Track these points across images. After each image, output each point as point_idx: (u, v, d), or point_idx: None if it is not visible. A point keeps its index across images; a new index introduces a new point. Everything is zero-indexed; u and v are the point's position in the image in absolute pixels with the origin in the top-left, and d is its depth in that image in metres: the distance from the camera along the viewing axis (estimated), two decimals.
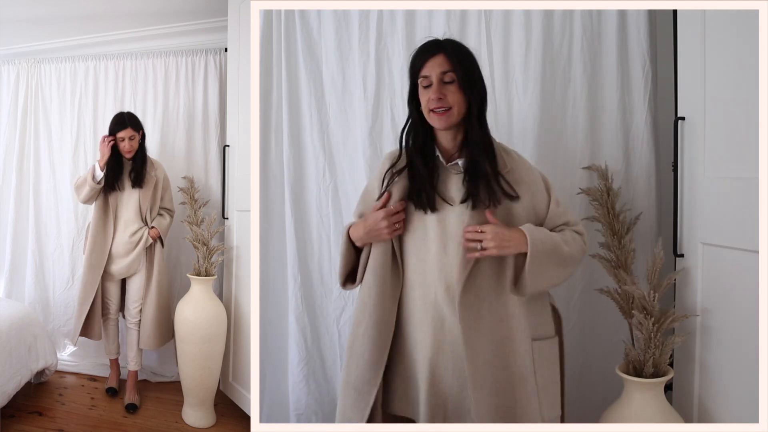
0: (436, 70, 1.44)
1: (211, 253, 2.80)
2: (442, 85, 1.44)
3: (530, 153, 2.04)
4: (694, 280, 1.75)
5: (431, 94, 1.45)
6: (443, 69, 1.44)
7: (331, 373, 2.33)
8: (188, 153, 3.29)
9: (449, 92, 1.44)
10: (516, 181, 1.49)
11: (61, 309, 3.39)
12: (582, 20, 2.09)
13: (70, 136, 3.38)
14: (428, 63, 1.45)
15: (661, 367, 1.68)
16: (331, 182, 2.29)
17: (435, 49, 1.46)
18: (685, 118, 1.78)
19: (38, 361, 2.88)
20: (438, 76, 1.44)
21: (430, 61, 1.45)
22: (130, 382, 2.95)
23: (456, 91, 1.44)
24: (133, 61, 3.35)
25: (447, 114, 1.45)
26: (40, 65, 3.44)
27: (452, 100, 1.44)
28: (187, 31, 3.28)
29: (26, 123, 3.45)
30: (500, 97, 2.14)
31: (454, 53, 1.46)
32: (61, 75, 3.42)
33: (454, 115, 1.45)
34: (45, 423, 2.69)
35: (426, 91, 1.46)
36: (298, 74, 2.31)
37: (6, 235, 3.48)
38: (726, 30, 1.64)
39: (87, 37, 3.38)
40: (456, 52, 1.46)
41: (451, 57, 1.44)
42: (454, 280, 1.47)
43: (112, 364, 3.10)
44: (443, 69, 1.44)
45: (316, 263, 2.32)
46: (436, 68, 1.44)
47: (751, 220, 1.50)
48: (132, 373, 2.96)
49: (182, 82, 3.30)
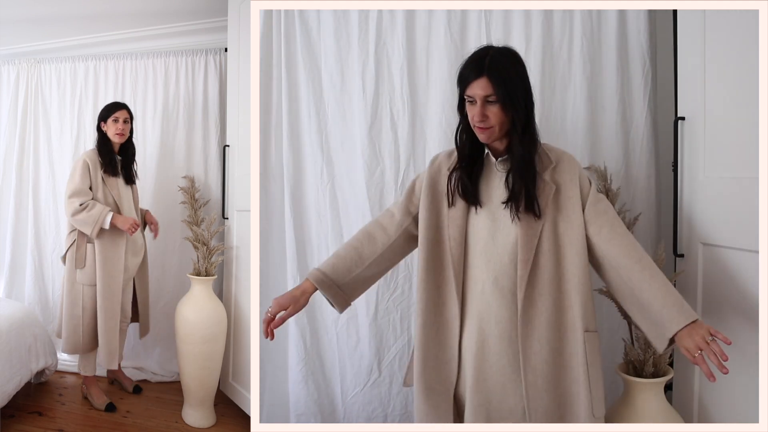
0: (479, 92, 1.46)
1: (211, 253, 2.80)
2: (486, 105, 1.47)
3: None
4: (694, 280, 1.74)
5: (475, 114, 1.48)
6: (486, 93, 1.46)
7: (330, 374, 2.33)
8: (188, 153, 3.29)
9: (492, 112, 1.47)
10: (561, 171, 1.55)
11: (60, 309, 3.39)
12: (582, 20, 2.09)
13: (70, 136, 3.38)
14: (472, 85, 1.47)
15: (661, 367, 1.68)
16: (330, 182, 2.29)
17: (479, 70, 1.46)
18: (685, 118, 1.78)
19: (38, 361, 2.88)
20: (481, 98, 1.47)
21: (474, 84, 1.47)
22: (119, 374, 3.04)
23: (497, 111, 1.47)
24: (133, 61, 3.35)
25: (489, 131, 1.50)
26: (40, 65, 3.44)
27: (494, 120, 1.48)
28: (187, 31, 3.28)
29: (26, 123, 3.45)
30: None
31: (498, 74, 1.45)
32: (61, 75, 3.42)
33: (496, 132, 1.50)
34: (45, 423, 2.69)
35: (471, 107, 1.50)
36: (297, 74, 2.31)
37: (6, 235, 3.48)
38: (726, 30, 1.64)
39: (87, 37, 3.38)
40: (500, 72, 1.46)
41: (494, 80, 1.45)
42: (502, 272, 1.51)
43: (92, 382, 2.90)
44: (486, 93, 1.46)
45: (315, 263, 2.32)
46: (480, 91, 1.46)
47: (751, 220, 1.50)
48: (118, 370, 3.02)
49: (182, 82, 3.30)
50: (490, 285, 1.52)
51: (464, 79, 1.49)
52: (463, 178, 1.57)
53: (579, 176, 1.56)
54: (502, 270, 1.52)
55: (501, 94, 1.45)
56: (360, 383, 2.28)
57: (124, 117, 2.77)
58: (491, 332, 1.51)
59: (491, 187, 1.58)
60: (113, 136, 2.76)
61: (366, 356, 2.26)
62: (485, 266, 1.54)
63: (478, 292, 1.54)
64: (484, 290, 1.52)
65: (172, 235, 3.26)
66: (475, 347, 1.52)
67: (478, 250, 1.55)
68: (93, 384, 2.90)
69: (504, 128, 1.51)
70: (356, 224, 2.25)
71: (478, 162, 1.59)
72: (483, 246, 1.55)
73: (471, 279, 1.56)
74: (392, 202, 1.79)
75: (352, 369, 2.29)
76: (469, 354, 1.54)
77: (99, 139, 2.80)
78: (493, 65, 1.46)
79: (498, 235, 1.54)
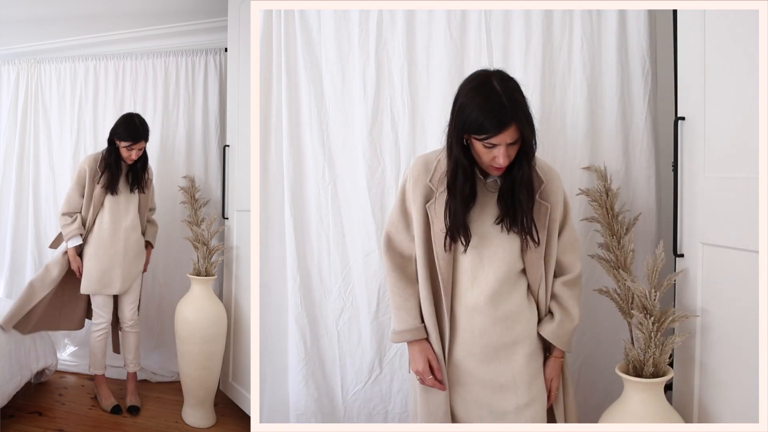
0: (507, 140, 1.44)
1: (211, 253, 2.80)
2: (509, 147, 1.46)
3: None
4: (694, 280, 1.74)
5: (499, 158, 1.46)
6: (513, 139, 1.44)
7: (330, 374, 2.33)
8: (188, 153, 3.30)
9: (513, 152, 1.48)
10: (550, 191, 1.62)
11: None
12: (582, 20, 2.09)
13: (70, 136, 3.38)
14: (501, 135, 1.42)
15: (661, 367, 1.68)
16: (331, 182, 2.29)
17: (505, 120, 1.41)
18: (685, 118, 1.78)
19: (38, 361, 2.88)
20: (506, 144, 1.44)
21: (503, 134, 1.42)
22: (130, 384, 2.93)
23: (516, 148, 1.48)
24: (133, 61, 3.35)
25: (504, 168, 1.51)
26: (40, 65, 3.45)
27: (512, 155, 1.48)
28: (187, 31, 3.28)
29: (26, 123, 3.45)
30: None
31: (524, 117, 1.43)
32: (61, 75, 3.42)
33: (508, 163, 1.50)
34: (45, 423, 2.69)
35: (489, 150, 1.46)
36: (297, 74, 2.31)
37: (6, 235, 3.48)
38: (726, 30, 1.64)
39: (87, 37, 3.38)
40: (523, 112, 1.43)
41: (522, 125, 1.42)
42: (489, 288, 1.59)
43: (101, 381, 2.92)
44: (513, 139, 1.44)
45: (315, 264, 2.32)
46: (508, 139, 1.44)
47: (751, 220, 1.50)
48: (131, 374, 2.94)
49: (182, 82, 3.30)
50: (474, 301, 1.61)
51: (485, 126, 1.42)
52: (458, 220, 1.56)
53: (564, 198, 1.67)
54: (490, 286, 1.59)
55: (527, 135, 1.45)
56: (361, 380, 2.28)
57: (140, 147, 2.72)
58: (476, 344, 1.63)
59: (482, 208, 1.61)
60: (125, 157, 2.73)
61: (367, 353, 2.26)
62: (471, 284, 1.61)
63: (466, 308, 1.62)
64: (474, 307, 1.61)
65: (171, 235, 3.26)
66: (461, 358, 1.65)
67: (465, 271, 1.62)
68: (102, 384, 2.91)
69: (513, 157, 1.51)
70: (357, 224, 2.26)
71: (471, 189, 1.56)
72: (470, 267, 1.62)
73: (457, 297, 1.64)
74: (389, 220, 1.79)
75: (353, 366, 2.29)
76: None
77: (108, 151, 2.75)
78: (515, 107, 1.42)
79: (485, 253, 1.60)
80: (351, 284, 2.28)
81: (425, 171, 1.64)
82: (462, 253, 1.61)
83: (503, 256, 1.60)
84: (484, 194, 1.60)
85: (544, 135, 2.09)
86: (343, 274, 2.29)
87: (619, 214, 1.91)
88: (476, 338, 1.61)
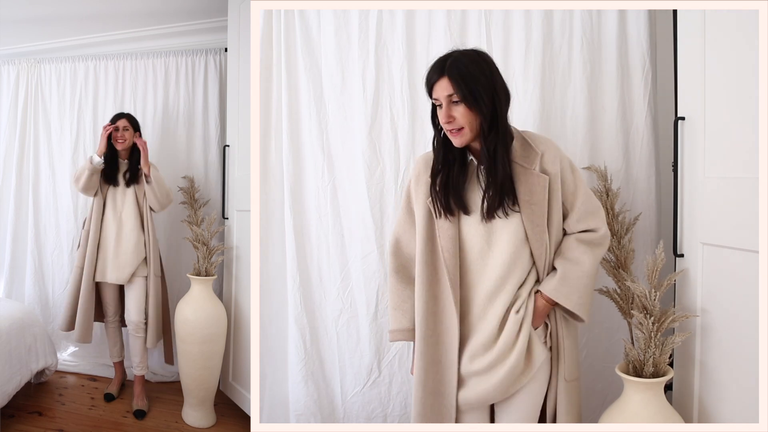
0: (443, 93, 1.49)
1: (211, 253, 2.80)
2: (451, 105, 1.49)
3: None
4: (694, 280, 1.74)
5: (442, 116, 1.51)
6: (448, 92, 1.48)
7: (330, 374, 2.33)
8: (188, 153, 3.30)
9: (458, 113, 1.49)
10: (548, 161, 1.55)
11: (60, 309, 3.38)
12: (582, 20, 2.09)
13: (69, 136, 3.38)
14: (435, 87, 1.51)
15: (661, 367, 1.68)
16: (330, 182, 2.29)
17: (440, 72, 1.49)
18: (685, 118, 1.78)
19: (38, 361, 2.88)
20: (446, 99, 1.49)
21: (436, 86, 1.50)
22: (137, 387, 2.90)
23: (464, 111, 1.49)
24: (133, 61, 3.35)
25: (461, 133, 1.51)
26: (40, 65, 3.44)
27: (462, 120, 1.49)
28: (187, 31, 3.28)
29: (26, 123, 3.45)
30: None
31: (458, 74, 1.47)
32: (61, 75, 3.42)
33: (467, 133, 1.51)
34: (45, 423, 2.69)
35: (440, 111, 1.52)
36: (297, 74, 2.31)
37: (5, 235, 3.48)
38: (726, 30, 1.64)
39: (87, 37, 3.38)
40: (459, 71, 1.47)
41: (455, 79, 1.47)
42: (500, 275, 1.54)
43: (116, 369, 3.08)
44: (448, 92, 1.48)
45: (315, 264, 2.32)
46: (443, 91, 1.49)
47: (751, 220, 1.50)
48: (139, 377, 2.91)
49: (182, 82, 3.30)
50: (491, 290, 1.54)
51: (429, 84, 1.52)
52: (439, 191, 1.58)
53: (569, 165, 1.60)
54: (503, 273, 1.53)
55: (462, 93, 1.47)
56: (360, 383, 2.28)
57: (123, 125, 2.81)
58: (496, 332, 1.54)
59: (477, 191, 1.58)
60: (115, 144, 2.81)
61: (366, 355, 2.26)
62: (482, 272, 1.55)
63: (478, 298, 1.56)
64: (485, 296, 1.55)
65: (172, 235, 3.26)
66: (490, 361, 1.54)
67: (473, 258, 1.57)
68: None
69: (474, 129, 1.51)
70: (356, 224, 2.26)
71: (461, 170, 1.59)
72: (478, 252, 1.56)
73: (468, 286, 1.58)
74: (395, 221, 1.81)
75: (352, 368, 2.29)
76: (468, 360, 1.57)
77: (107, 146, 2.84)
78: (453, 65, 1.49)
79: (493, 238, 1.55)
80: (350, 285, 2.28)
81: (426, 168, 1.65)
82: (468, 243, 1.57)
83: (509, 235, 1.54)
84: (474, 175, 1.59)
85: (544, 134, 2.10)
86: (342, 275, 2.29)
87: (619, 214, 1.91)
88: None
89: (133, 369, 2.93)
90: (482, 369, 1.55)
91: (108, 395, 2.98)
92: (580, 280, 1.55)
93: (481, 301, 1.56)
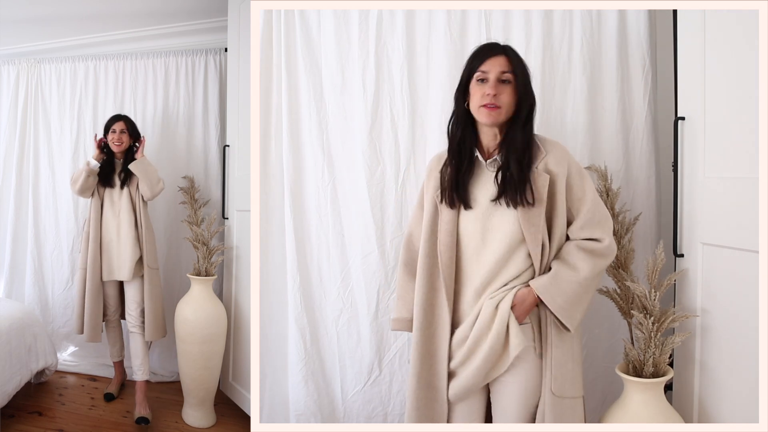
0: (497, 68, 1.52)
1: (211, 253, 2.80)
2: (499, 83, 1.52)
3: None
4: (694, 280, 1.74)
5: (487, 89, 1.52)
6: (503, 69, 1.52)
7: (330, 374, 2.33)
8: (188, 153, 3.30)
9: (504, 92, 1.52)
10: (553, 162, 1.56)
11: (60, 309, 3.40)
12: (582, 20, 2.09)
13: (69, 136, 3.38)
14: (489, 60, 1.53)
15: (661, 367, 1.68)
16: (330, 182, 2.29)
17: (498, 50, 1.55)
18: (685, 118, 1.78)
19: (38, 361, 2.88)
20: (497, 74, 1.52)
21: (492, 59, 1.53)
22: (139, 394, 2.78)
23: (510, 92, 1.53)
24: (133, 61, 3.35)
25: (497, 111, 1.52)
26: (40, 65, 3.44)
27: (504, 100, 1.52)
28: (187, 31, 3.28)
29: (26, 123, 3.45)
30: None
31: (515, 56, 1.56)
32: (61, 75, 3.42)
33: (502, 114, 1.53)
34: (45, 423, 2.69)
35: (481, 86, 1.54)
36: (297, 74, 2.31)
37: (5, 235, 3.48)
38: (726, 30, 1.64)
39: (87, 37, 3.38)
40: (517, 57, 1.56)
41: (513, 60, 1.54)
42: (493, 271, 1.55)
43: (116, 368, 3.08)
44: (503, 69, 1.52)
45: (315, 264, 2.32)
46: (497, 67, 1.52)
47: (751, 220, 1.50)
48: (141, 383, 2.80)
49: (182, 82, 3.30)
50: (479, 286, 1.55)
51: (480, 56, 1.55)
52: (453, 174, 1.60)
53: (577, 170, 1.59)
54: (493, 269, 1.54)
55: (518, 73, 1.52)
56: (360, 382, 2.28)
57: (120, 128, 2.81)
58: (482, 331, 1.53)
59: (480, 187, 1.60)
60: (112, 146, 2.81)
61: (367, 354, 2.26)
62: (476, 267, 1.57)
63: (468, 294, 1.58)
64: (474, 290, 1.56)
65: (172, 235, 3.26)
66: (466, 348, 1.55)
67: (469, 253, 1.58)
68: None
69: (508, 113, 1.54)
70: (357, 224, 2.26)
71: (469, 162, 1.61)
72: (474, 248, 1.58)
73: (462, 281, 1.59)
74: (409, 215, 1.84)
75: (352, 368, 2.29)
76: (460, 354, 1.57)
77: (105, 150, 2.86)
78: (511, 49, 1.56)
79: (488, 235, 1.56)
80: (350, 285, 2.28)
81: (438, 162, 1.69)
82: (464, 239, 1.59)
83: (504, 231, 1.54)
84: (482, 173, 1.61)
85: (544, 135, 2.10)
86: (342, 275, 2.29)
87: (619, 214, 1.91)
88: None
89: (134, 374, 2.85)
90: (462, 359, 1.56)
91: (108, 395, 2.98)
92: (570, 285, 1.51)
93: (470, 296, 1.58)
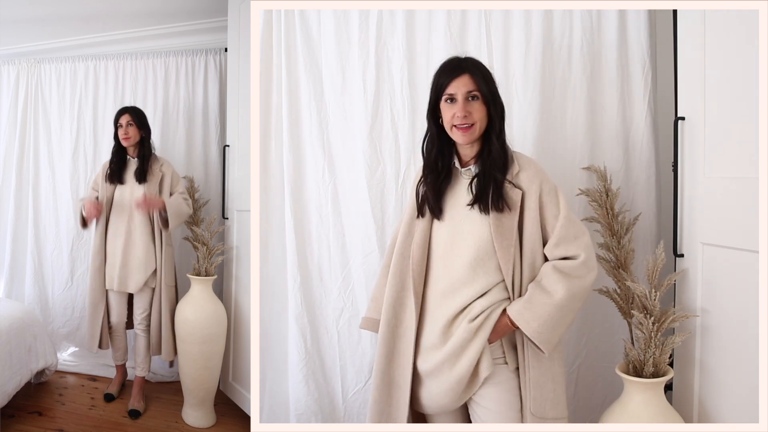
0: (462, 89, 1.53)
1: (211, 253, 2.80)
2: (467, 102, 1.53)
3: (530, 153, 2.03)
4: (694, 280, 1.74)
5: (457, 111, 1.53)
6: (469, 88, 1.53)
7: (330, 374, 2.33)
8: (188, 153, 3.30)
9: (473, 108, 1.54)
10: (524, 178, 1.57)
11: (60, 309, 3.40)
12: (582, 20, 2.09)
13: (69, 136, 3.39)
14: (454, 82, 1.54)
15: (661, 367, 1.68)
16: (331, 182, 2.29)
17: (460, 70, 1.55)
18: (685, 118, 1.78)
19: (38, 361, 2.88)
20: (464, 94, 1.53)
21: (456, 81, 1.54)
22: (135, 387, 2.89)
23: (480, 107, 1.54)
24: (133, 61, 3.35)
25: (470, 130, 1.54)
26: (40, 65, 3.45)
27: (476, 116, 1.54)
28: (187, 31, 3.28)
29: (26, 123, 3.45)
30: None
31: (479, 72, 1.55)
32: (61, 75, 3.42)
33: (476, 130, 1.55)
34: (45, 423, 2.69)
35: (450, 106, 1.55)
36: (297, 74, 2.31)
37: (5, 235, 3.48)
38: (726, 30, 1.64)
39: (87, 37, 3.38)
40: (480, 71, 1.56)
41: (476, 77, 1.54)
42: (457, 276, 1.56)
43: (117, 370, 3.08)
44: (469, 88, 1.53)
45: (315, 264, 2.32)
46: (462, 87, 1.53)
47: (751, 220, 1.50)
48: (139, 378, 2.91)
49: (182, 82, 3.30)
50: (444, 288, 1.57)
51: (443, 79, 1.56)
52: (428, 192, 1.62)
53: (551, 189, 1.58)
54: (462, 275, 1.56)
55: (483, 90, 1.53)
56: (361, 380, 2.28)
57: (126, 121, 2.79)
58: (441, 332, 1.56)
59: (456, 195, 1.62)
60: (121, 140, 2.80)
61: (367, 353, 2.26)
62: (442, 271, 1.59)
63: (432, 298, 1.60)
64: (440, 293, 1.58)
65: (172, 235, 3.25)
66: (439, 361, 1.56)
67: (437, 257, 1.61)
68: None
69: (482, 128, 1.56)
70: (357, 223, 2.26)
71: (446, 173, 1.63)
72: (442, 252, 1.60)
73: (429, 283, 1.62)
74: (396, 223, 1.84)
75: (353, 367, 2.30)
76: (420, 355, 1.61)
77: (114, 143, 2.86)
78: (474, 65, 1.56)
79: (457, 239, 1.59)
80: (351, 284, 2.28)
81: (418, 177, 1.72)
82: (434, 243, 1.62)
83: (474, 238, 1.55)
84: (458, 182, 1.63)
85: (544, 135, 2.11)
86: (343, 274, 2.29)
87: (619, 214, 1.91)
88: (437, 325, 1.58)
89: (135, 369, 2.93)
90: (430, 369, 1.57)
91: (108, 395, 2.98)
92: (545, 308, 1.49)
93: (435, 299, 1.59)
